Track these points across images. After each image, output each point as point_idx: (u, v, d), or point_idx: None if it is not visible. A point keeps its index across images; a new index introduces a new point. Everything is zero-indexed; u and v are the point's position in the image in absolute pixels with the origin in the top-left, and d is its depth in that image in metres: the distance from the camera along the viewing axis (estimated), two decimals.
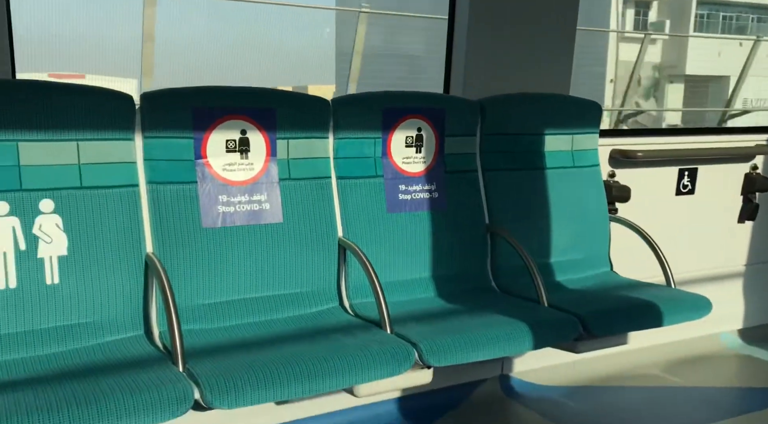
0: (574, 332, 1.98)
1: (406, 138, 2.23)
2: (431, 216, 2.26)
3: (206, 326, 1.88)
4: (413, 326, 1.90)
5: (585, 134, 2.55)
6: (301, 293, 2.03)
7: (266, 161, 2.01)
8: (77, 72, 8.84)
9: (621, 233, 2.59)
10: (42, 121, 1.69)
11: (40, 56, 7.92)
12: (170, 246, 1.86)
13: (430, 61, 14.25)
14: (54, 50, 8.43)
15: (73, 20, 8.81)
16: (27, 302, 1.67)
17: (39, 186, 1.70)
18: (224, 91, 1.96)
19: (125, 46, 8.07)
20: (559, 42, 2.61)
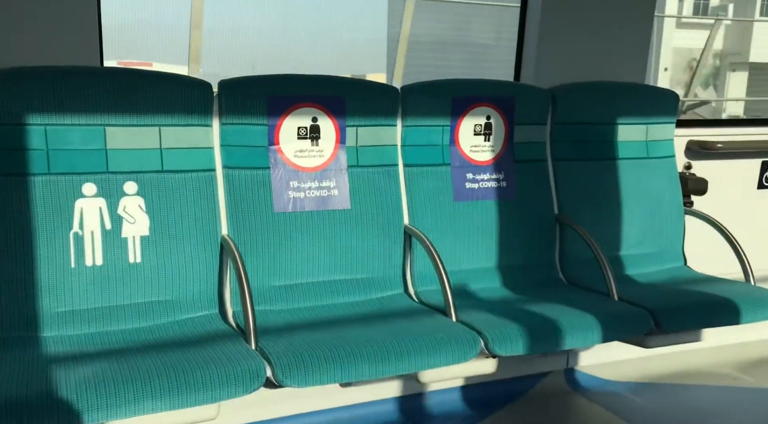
0: (645, 326, 1.94)
1: (475, 126, 2.22)
2: (499, 205, 2.24)
3: (277, 307, 1.94)
4: (479, 314, 1.90)
5: (660, 124, 2.47)
6: (367, 279, 2.06)
7: (335, 148, 2.05)
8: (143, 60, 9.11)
9: (697, 227, 2.50)
10: (127, 107, 1.78)
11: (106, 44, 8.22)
12: (244, 229, 1.92)
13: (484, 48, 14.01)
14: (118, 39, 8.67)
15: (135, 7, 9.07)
16: (111, 279, 1.76)
17: (124, 169, 1.79)
18: (297, 79, 2.01)
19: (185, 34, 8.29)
20: (635, 28, 2.53)
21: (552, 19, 2.41)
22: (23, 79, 1.68)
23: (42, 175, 1.71)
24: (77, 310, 1.72)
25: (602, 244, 2.25)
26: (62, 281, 1.71)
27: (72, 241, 1.73)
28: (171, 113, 1.82)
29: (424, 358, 1.66)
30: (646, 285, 2.27)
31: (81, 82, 1.73)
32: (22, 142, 1.69)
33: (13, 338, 1.65)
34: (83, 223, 1.74)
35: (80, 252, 1.74)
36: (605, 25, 2.48)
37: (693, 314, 2.02)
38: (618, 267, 2.35)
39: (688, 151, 2.69)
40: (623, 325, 1.92)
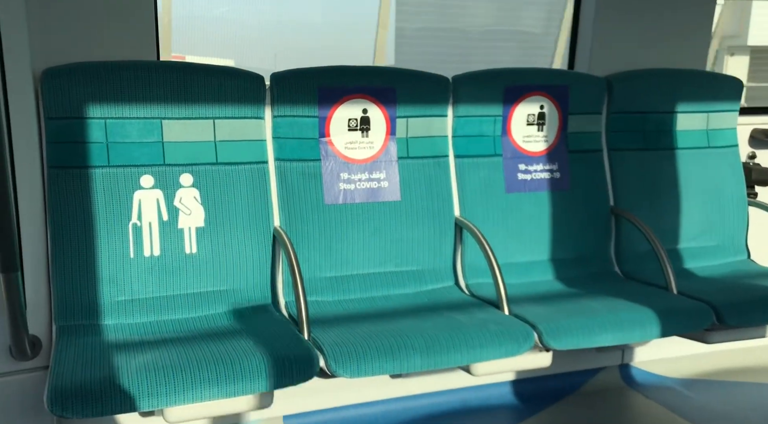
0: (706, 321, 1.87)
1: (528, 116, 2.18)
2: (552, 197, 2.20)
3: (328, 297, 1.95)
4: (532, 307, 1.87)
5: (722, 112, 2.38)
6: (418, 271, 2.05)
7: (386, 140, 2.04)
8: (176, 53, 9.32)
9: (761, 220, 2.39)
10: (183, 101, 1.81)
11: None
12: (295, 221, 1.94)
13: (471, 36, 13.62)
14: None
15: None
16: (168, 269, 1.80)
17: (180, 161, 1.82)
18: (347, 71, 2.01)
19: (214, 28, 8.42)
20: (695, 11, 2.43)
21: (607, 5, 2.34)
22: (84, 74, 1.73)
23: (102, 168, 1.76)
24: (136, 299, 1.77)
25: (660, 236, 2.18)
26: (122, 270, 1.76)
27: (131, 232, 1.78)
28: (225, 106, 1.85)
29: (476, 351, 1.64)
30: (707, 279, 2.19)
31: (138, 77, 1.77)
32: (83, 135, 1.74)
33: (75, 326, 1.70)
34: (141, 214, 1.79)
35: (139, 243, 1.78)
36: (663, 9, 2.40)
37: (757, 309, 1.94)
38: (677, 260, 2.28)
39: (752, 140, 2.58)
40: (683, 319, 1.86)
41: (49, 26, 1.77)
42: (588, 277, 2.19)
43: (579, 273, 2.21)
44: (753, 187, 2.51)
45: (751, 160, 2.58)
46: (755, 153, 2.58)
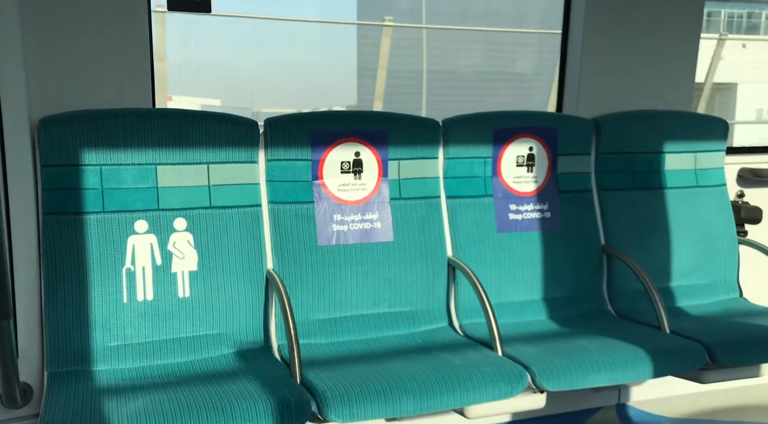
0: (699, 360, 1.87)
1: (517, 157, 2.22)
2: (543, 236, 2.22)
3: (322, 340, 1.95)
4: (525, 348, 1.87)
5: (710, 152, 2.42)
6: (411, 312, 2.05)
7: (378, 181, 2.07)
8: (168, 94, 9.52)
9: (752, 258, 2.41)
10: (177, 146, 1.84)
11: None
12: (288, 263, 1.95)
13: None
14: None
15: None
16: (162, 314, 1.80)
17: (174, 206, 1.84)
18: (340, 115, 2.05)
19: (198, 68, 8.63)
20: (680, 55, 2.49)
21: (594, 48, 2.40)
22: (79, 122, 1.77)
23: (96, 214, 1.78)
24: (129, 344, 1.77)
25: (652, 275, 2.19)
26: (115, 316, 1.76)
27: (124, 277, 1.78)
28: (218, 151, 1.88)
29: (470, 393, 1.64)
30: (700, 317, 2.20)
31: (133, 124, 1.80)
32: (78, 182, 1.76)
33: (67, 372, 1.69)
34: (135, 259, 1.80)
35: (132, 288, 1.79)
36: (649, 52, 2.46)
37: (751, 348, 1.94)
38: (669, 299, 2.29)
39: (741, 179, 2.62)
40: (676, 359, 1.86)
41: (46, 75, 1.81)
42: (581, 316, 2.20)
43: (572, 312, 2.21)
44: (743, 226, 2.54)
45: (740, 198, 2.61)
46: (743, 192, 2.62)
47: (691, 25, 2.49)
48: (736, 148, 2.69)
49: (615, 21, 2.41)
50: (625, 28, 2.42)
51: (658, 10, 2.43)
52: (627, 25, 2.42)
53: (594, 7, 2.38)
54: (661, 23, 2.45)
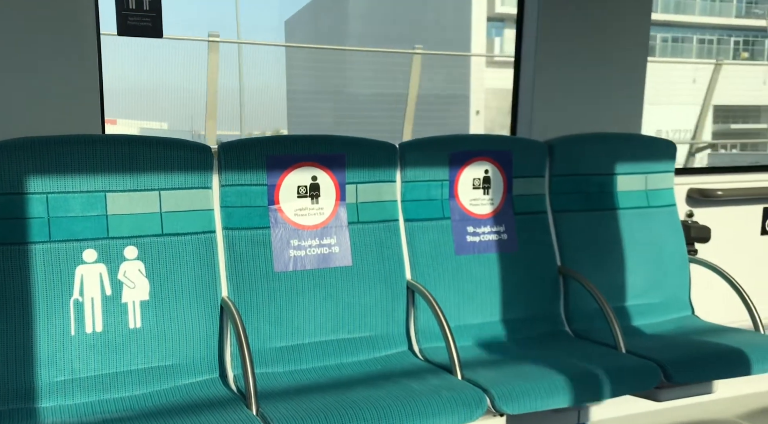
0: (654, 379, 1.90)
1: (474, 180, 2.24)
2: (500, 258, 2.23)
3: (279, 369, 1.91)
4: (485, 371, 1.87)
5: (659, 173, 2.48)
6: (370, 337, 2.03)
7: (336, 206, 2.05)
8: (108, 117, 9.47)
9: (702, 276, 2.47)
10: (128, 173, 1.80)
11: None
12: (244, 290, 1.91)
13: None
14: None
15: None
16: (111, 346, 1.74)
17: (124, 234, 1.79)
18: (296, 139, 2.03)
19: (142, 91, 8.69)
20: (628, 80, 2.57)
21: (545, 73, 2.46)
22: (25, 149, 1.71)
23: (43, 244, 1.71)
24: (77, 378, 1.70)
25: (607, 295, 2.22)
26: (62, 349, 1.69)
27: (72, 308, 1.72)
28: (171, 177, 1.84)
29: (429, 419, 1.62)
30: (654, 336, 2.23)
31: (82, 150, 1.75)
32: (23, 211, 1.70)
33: (10, 410, 1.62)
34: (83, 289, 1.74)
35: (80, 319, 1.72)
36: (598, 77, 2.53)
37: (703, 366, 1.98)
38: (624, 318, 2.32)
39: (689, 199, 2.69)
40: (632, 379, 1.88)
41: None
42: (539, 337, 2.21)
43: (530, 333, 2.22)
44: (693, 244, 2.61)
45: (689, 218, 2.68)
46: (692, 211, 2.69)
47: (638, 52, 2.57)
48: (684, 169, 2.77)
49: (565, 47, 2.47)
50: (576, 55, 2.49)
51: (606, 38, 2.51)
52: (577, 51, 2.49)
53: (545, 34, 2.43)
54: (609, 50, 2.52)
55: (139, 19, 1.92)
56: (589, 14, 2.48)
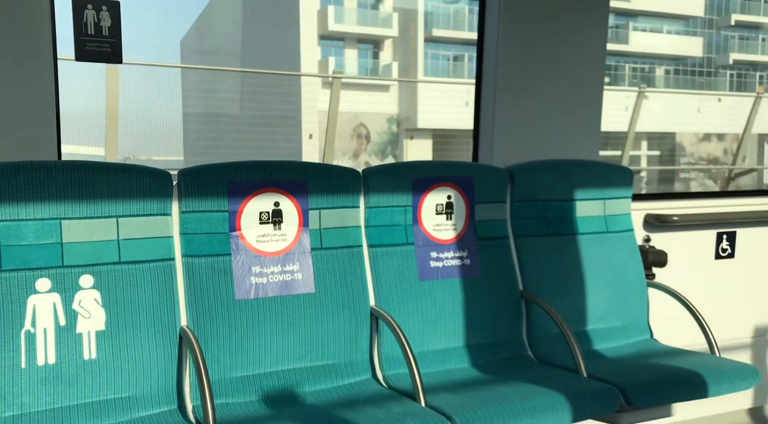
0: (615, 403, 1.91)
1: (437, 206, 2.25)
2: (464, 283, 2.24)
3: (239, 399, 1.87)
4: (448, 397, 1.86)
5: (617, 199, 2.54)
6: (333, 365, 2.01)
7: (298, 232, 2.04)
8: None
9: (660, 300, 2.52)
10: (84, 200, 1.76)
11: None
12: (204, 319, 1.87)
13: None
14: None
15: None
16: (65, 378, 1.68)
17: (79, 262, 1.75)
18: (258, 165, 2.02)
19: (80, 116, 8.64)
20: (585, 106, 2.63)
21: (505, 102, 2.50)
22: None
23: None
24: (27, 413, 1.63)
25: (568, 319, 2.25)
26: (11, 383, 1.63)
27: (23, 340, 1.66)
28: (129, 203, 1.81)
29: None
30: (615, 360, 2.26)
31: (36, 177, 1.71)
32: None
33: None
34: (35, 320, 1.68)
35: (32, 351, 1.66)
36: (556, 105, 2.59)
37: (662, 390, 2.01)
38: (585, 342, 2.35)
39: (647, 224, 2.75)
40: (593, 403, 1.89)
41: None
42: (502, 362, 2.22)
43: (493, 359, 2.23)
44: (650, 269, 2.66)
45: (646, 243, 2.74)
46: (650, 236, 2.75)
47: (595, 79, 2.64)
48: (641, 195, 2.84)
49: (524, 75, 2.53)
50: (535, 84, 2.55)
51: (564, 68, 2.58)
52: (536, 80, 2.55)
53: (504, 62, 2.49)
54: (567, 80, 2.59)
55: (97, 44, 1.90)
56: (546, 42, 2.55)
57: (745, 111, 9.96)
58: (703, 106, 20.05)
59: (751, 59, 25.80)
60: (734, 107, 15.05)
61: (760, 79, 26.00)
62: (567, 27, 2.57)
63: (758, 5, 26.00)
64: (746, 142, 10.51)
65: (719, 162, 20.34)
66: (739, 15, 25.81)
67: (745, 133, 10.05)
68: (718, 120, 18.41)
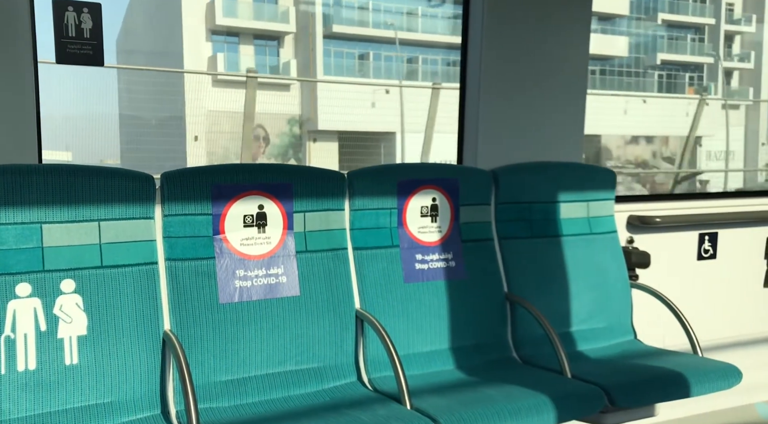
0: (599, 404, 1.92)
1: (421, 208, 2.26)
2: (449, 285, 2.25)
3: (224, 403, 1.86)
4: (433, 399, 1.86)
5: (600, 201, 2.56)
6: (319, 368, 2.00)
7: (283, 235, 2.03)
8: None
9: (643, 300, 2.54)
10: (65, 203, 1.74)
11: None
12: (188, 323, 1.86)
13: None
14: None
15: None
16: (46, 384, 1.66)
17: (61, 266, 1.73)
18: (242, 168, 2.02)
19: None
20: (569, 111, 2.65)
21: (489, 105, 2.52)
22: None
23: None
24: (7, 420, 1.61)
25: (553, 320, 2.26)
26: None
27: (3, 345, 1.64)
28: (111, 207, 1.79)
29: None
30: (599, 361, 2.27)
31: (16, 181, 1.69)
32: None
33: None
34: (16, 325, 1.66)
35: (11, 357, 1.64)
36: (540, 107, 2.60)
37: (646, 390, 2.02)
38: (570, 343, 2.36)
39: (630, 225, 2.78)
40: (577, 404, 1.90)
41: None
42: (487, 364, 2.22)
43: (479, 361, 2.23)
44: (634, 270, 2.68)
45: (629, 244, 2.77)
46: (633, 238, 2.78)
47: (578, 82, 2.66)
48: (624, 196, 2.86)
49: (508, 80, 2.54)
50: (518, 87, 2.56)
51: (547, 72, 2.60)
52: (520, 84, 2.56)
53: (488, 65, 2.50)
54: (550, 83, 2.61)
55: (78, 47, 1.88)
56: (529, 47, 2.56)
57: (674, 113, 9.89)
58: (630, 108, 19.88)
59: (680, 60, 25.34)
60: (663, 109, 14.77)
61: (690, 80, 25.62)
62: (550, 31, 2.59)
63: (686, 5, 25.60)
64: (690, 145, 10.46)
65: (648, 165, 20.02)
66: (667, 14, 25.28)
67: (690, 136, 9.98)
68: (647, 122, 18.00)
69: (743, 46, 26.20)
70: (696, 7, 25.85)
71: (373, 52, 19.60)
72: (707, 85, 25.52)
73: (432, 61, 20.22)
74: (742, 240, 3.01)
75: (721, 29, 25.72)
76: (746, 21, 26.22)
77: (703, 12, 25.92)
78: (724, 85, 25.18)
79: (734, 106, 23.48)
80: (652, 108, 19.20)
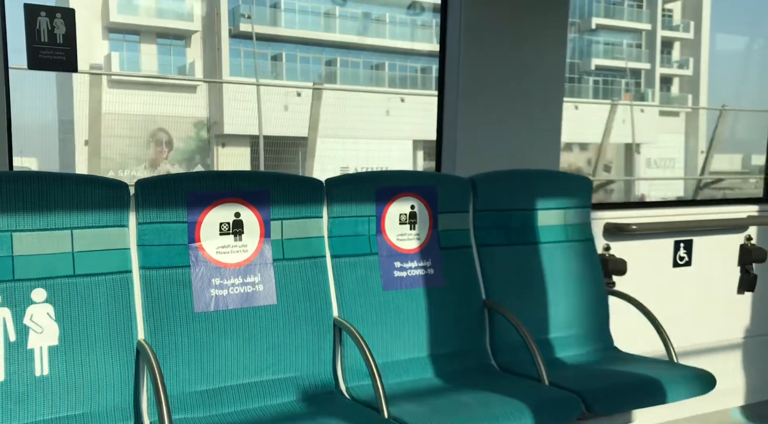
0: (576, 411, 1.93)
1: (400, 215, 2.25)
2: (427, 293, 2.24)
3: (199, 414, 1.83)
4: (411, 408, 1.86)
5: (577, 209, 2.58)
6: (296, 377, 1.99)
7: (260, 242, 2.02)
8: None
9: (619, 307, 2.56)
10: (36, 211, 1.71)
11: None
12: (162, 332, 1.83)
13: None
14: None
15: None
16: (15, 396, 1.63)
17: (32, 276, 1.70)
18: (218, 175, 2.00)
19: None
20: (546, 120, 2.68)
21: (467, 113, 2.53)
22: None
23: None
24: None
25: (531, 327, 2.26)
26: None
27: None
28: (84, 215, 1.77)
29: None
30: (576, 367, 2.29)
31: None
32: None
33: None
34: None
35: None
36: (518, 116, 2.62)
37: (622, 396, 2.03)
38: (547, 350, 2.37)
39: (606, 233, 2.80)
40: (554, 410, 1.91)
41: None
42: (465, 371, 2.22)
43: (457, 368, 2.23)
44: (610, 277, 2.70)
45: (606, 251, 2.79)
46: (609, 245, 2.80)
47: (555, 90, 2.69)
48: (600, 204, 2.89)
49: (486, 87, 2.56)
50: (497, 95, 2.58)
51: (525, 81, 2.62)
52: (498, 92, 2.58)
53: (467, 74, 2.51)
54: (528, 92, 2.63)
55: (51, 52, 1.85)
56: (507, 56, 2.58)
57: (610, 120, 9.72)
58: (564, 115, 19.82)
59: (614, 65, 24.83)
60: (599, 115, 14.48)
61: (626, 86, 25.14)
62: (527, 41, 2.61)
63: (622, 9, 25.12)
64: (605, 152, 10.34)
65: (582, 173, 20.14)
66: (601, 19, 24.69)
67: (603, 143, 9.92)
68: (580, 129, 17.44)
69: (682, 53, 26.08)
70: (633, 13, 25.47)
71: (287, 53, 18.55)
72: (644, 91, 25.27)
73: (354, 64, 19.08)
74: (717, 247, 3.05)
75: (657, 35, 25.32)
76: (684, 28, 26.00)
77: (640, 17, 25.52)
78: (660, 91, 25.09)
79: (674, 114, 23.54)
80: (586, 114, 18.53)
